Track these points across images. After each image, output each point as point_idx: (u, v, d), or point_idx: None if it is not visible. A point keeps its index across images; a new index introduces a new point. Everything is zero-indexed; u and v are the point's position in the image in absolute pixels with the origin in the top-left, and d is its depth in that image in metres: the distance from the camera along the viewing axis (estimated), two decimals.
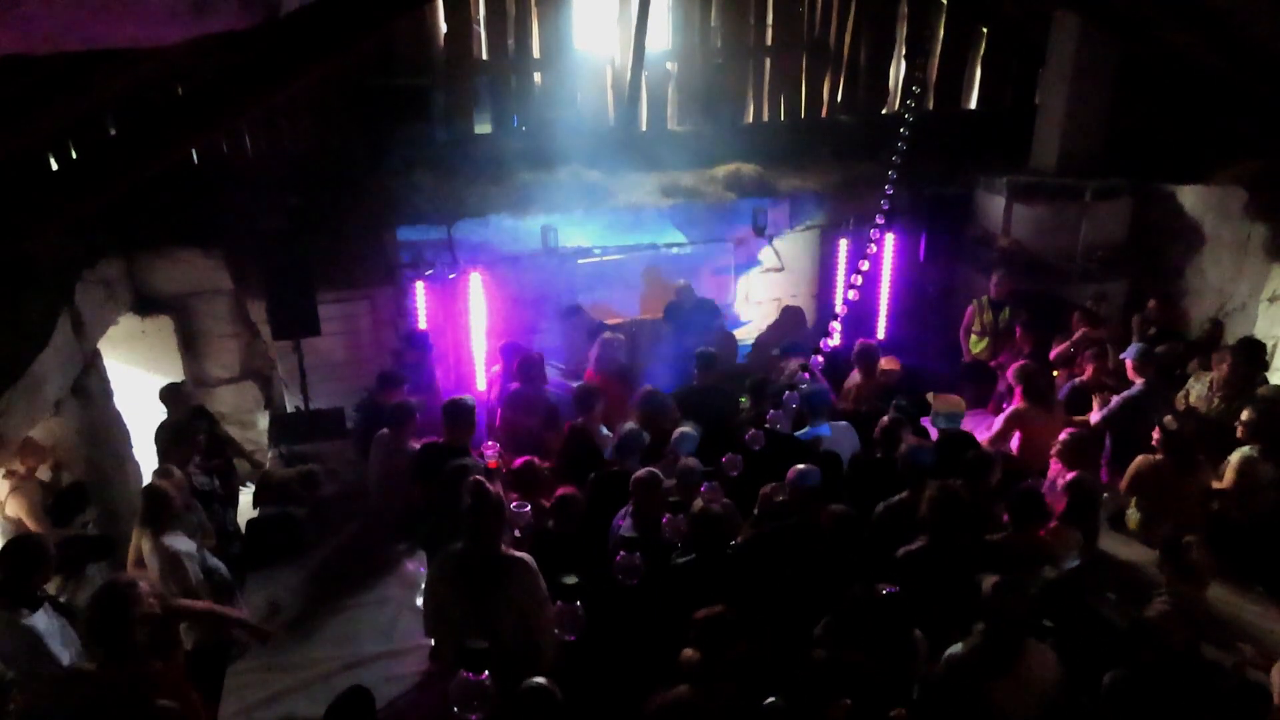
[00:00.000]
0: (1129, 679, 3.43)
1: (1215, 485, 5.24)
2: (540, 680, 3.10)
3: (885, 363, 6.87)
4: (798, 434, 5.64)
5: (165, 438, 5.86)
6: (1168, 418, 5.25)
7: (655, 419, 5.69)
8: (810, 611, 4.00)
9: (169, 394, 6.14)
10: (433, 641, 4.52)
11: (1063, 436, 5.44)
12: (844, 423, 5.90)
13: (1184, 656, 3.65)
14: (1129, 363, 6.13)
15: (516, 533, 4.70)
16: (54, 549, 4.10)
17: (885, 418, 5.51)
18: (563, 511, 4.77)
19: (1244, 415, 5.37)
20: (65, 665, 3.86)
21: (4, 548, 4.08)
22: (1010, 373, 6.41)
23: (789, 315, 8.87)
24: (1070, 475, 4.95)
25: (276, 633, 4.80)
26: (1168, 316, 7.68)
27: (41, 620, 3.93)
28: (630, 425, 5.44)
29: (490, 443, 5.76)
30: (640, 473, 4.57)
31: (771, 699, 3.30)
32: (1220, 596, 4.47)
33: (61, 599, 4.43)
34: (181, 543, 4.59)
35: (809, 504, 4.59)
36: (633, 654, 3.83)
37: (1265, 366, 6.46)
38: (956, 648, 3.64)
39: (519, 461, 5.35)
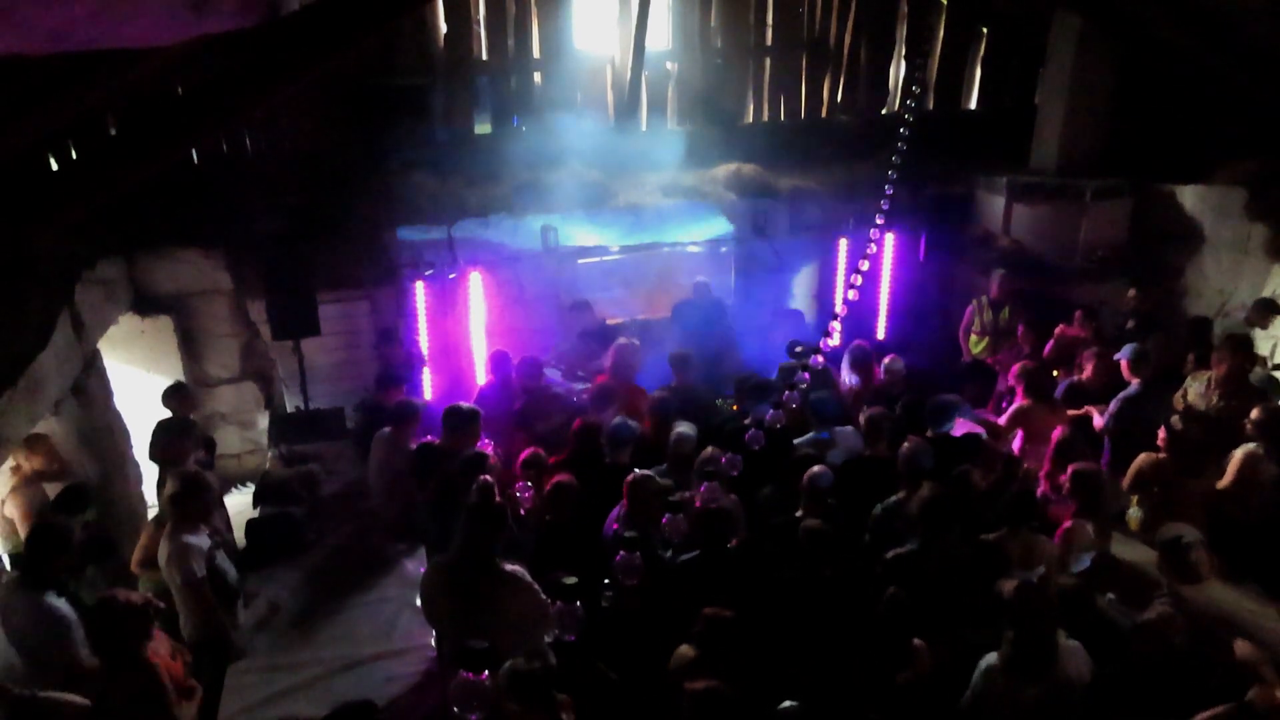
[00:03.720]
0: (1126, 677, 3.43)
1: (1217, 485, 5.24)
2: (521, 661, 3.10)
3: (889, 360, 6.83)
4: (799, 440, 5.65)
5: (162, 435, 5.86)
6: (1173, 418, 5.24)
7: (666, 423, 5.67)
8: (813, 614, 4.00)
9: (172, 396, 6.14)
10: (433, 641, 4.53)
11: (1055, 437, 5.45)
12: (849, 428, 5.89)
13: (1185, 657, 3.64)
14: (1123, 363, 6.13)
15: (521, 511, 4.71)
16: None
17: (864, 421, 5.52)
18: (558, 501, 4.75)
19: (1254, 414, 5.37)
20: (86, 661, 3.90)
21: (30, 532, 4.22)
22: (1012, 372, 6.41)
23: (785, 318, 8.85)
24: (1072, 469, 4.93)
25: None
26: (1148, 308, 7.64)
27: (65, 606, 4.01)
28: (619, 419, 5.42)
29: (485, 441, 5.74)
30: (634, 475, 4.55)
31: (788, 703, 3.29)
32: (1217, 595, 4.47)
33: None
34: (195, 538, 4.61)
35: (818, 505, 4.60)
36: (632, 652, 3.84)
37: (1255, 360, 6.47)
38: (991, 657, 3.61)
39: (525, 453, 5.35)
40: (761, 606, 3.99)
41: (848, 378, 6.82)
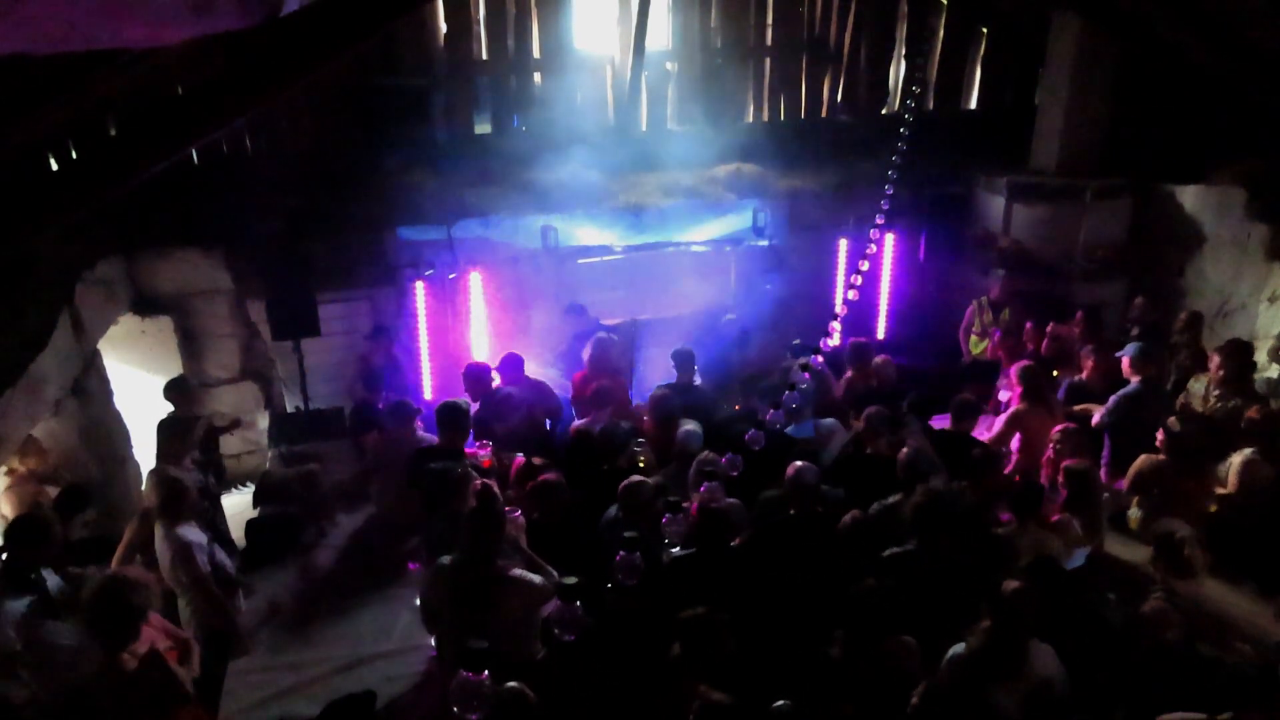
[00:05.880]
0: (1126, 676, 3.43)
1: (1219, 490, 5.24)
2: (514, 684, 3.09)
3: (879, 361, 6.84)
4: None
5: (165, 432, 5.87)
6: (1171, 419, 5.26)
7: (667, 422, 5.67)
8: (810, 609, 4.00)
9: (174, 389, 6.13)
10: (433, 641, 4.53)
11: (1055, 433, 5.46)
12: (832, 420, 5.89)
13: (1179, 651, 3.65)
14: (1125, 361, 6.13)
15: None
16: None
17: (863, 417, 5.52)
18: (545, 499, 4.70)
19: (1249, 414, 5.38)
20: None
21: (10, 525, 4.23)
22: (1011, 372, 6.41)
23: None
24: (1064, 465, 4.96)
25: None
26: (1153, 315, 7.63)
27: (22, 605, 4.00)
28: (621, 421, 5.43)
29: (483, 442, 5.73)
30: (627, 481, 4.54)
31: (780, 702, 3.29)
32: (1214, 594, 4.49)
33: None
34: (193, 534, 4.63)
35: (807, 501, 4.60)
36: (629, 651, 3.83)
37: (1254, 365, 6.47)
38: (959, 648, 3.62)
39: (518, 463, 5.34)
40: (758, 605, 3.99)
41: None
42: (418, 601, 4.78)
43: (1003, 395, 6.82)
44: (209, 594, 4.61)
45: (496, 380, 6.45)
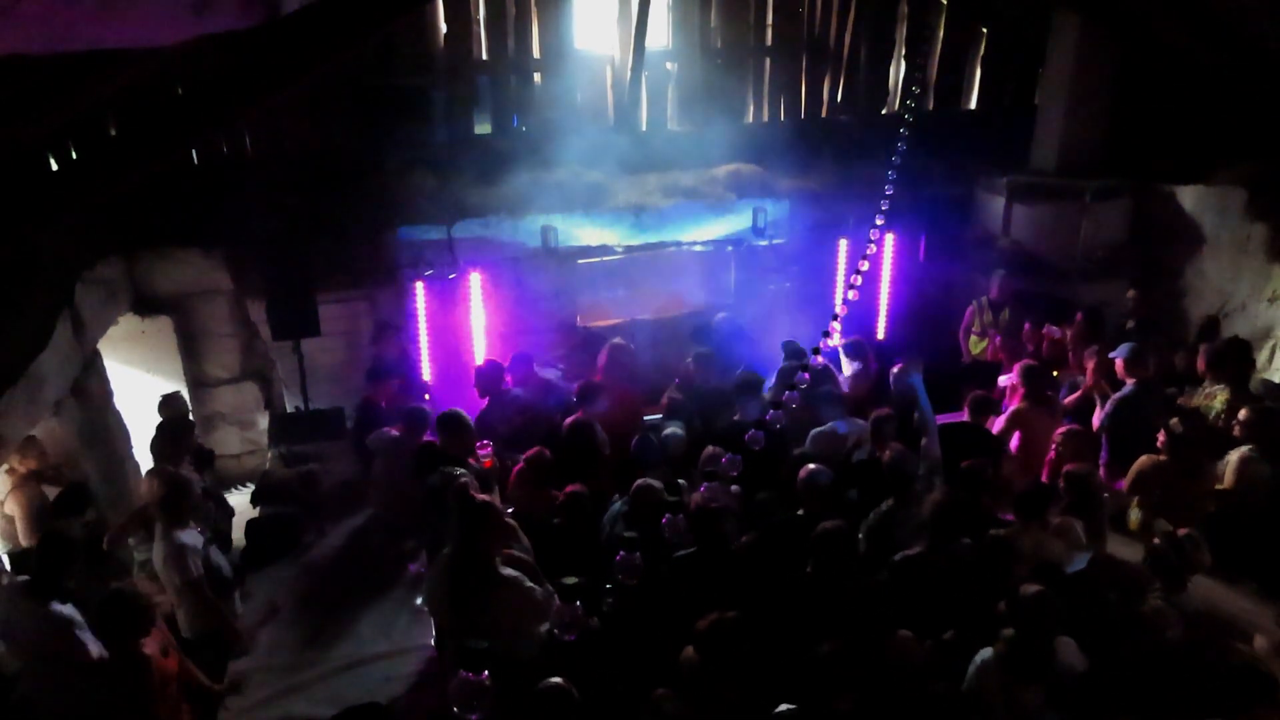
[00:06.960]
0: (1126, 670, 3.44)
1: (1218, 487, 5.25)
2: (557, 680, 3.11)
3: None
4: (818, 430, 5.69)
5: (160, 438, 5.88)
6: (1173, 420, 5.26)
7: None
8: (811, 609, 4.00)
9: (167, 406, 6.17)
10: (433, 641, 4.53)
11: (1057, 436, 5.46)
12: (861, 421, 5.88)
13: (1180, 649, 3.66)
14: (1119, 363, 6.12)
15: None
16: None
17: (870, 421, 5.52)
18: (572, 509, 4.76)
19: (1241, 415, 5.39)
20: (95, 653, 3.92)
21: (39, 542, 4.24)
22: (1015, 370, 6.41)
23: None
24: (1065, 469, 4.97)
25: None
26: (1147, 309, 7.63)
27: (69, 609, 4.03)
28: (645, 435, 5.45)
29: (483, 443, 5.73)
30: (640, 482, 4.56)
31: (784, 707, 3.29)
32: (1214, 592, 4.49)
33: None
34: (189, 536, 4.64)
35: (819, 503, 4.60)
36: (633, 651, 3.83)
37: (1252, 364, 6.46)
38: (986, 653, 3.61)
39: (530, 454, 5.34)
40: (759, 605, 3.99)
41: (847, 367, 6.85)
42: (418, 601, 4.79)
43: (1003, 380, 6.82)
44: (202, 598, 4.61)
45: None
